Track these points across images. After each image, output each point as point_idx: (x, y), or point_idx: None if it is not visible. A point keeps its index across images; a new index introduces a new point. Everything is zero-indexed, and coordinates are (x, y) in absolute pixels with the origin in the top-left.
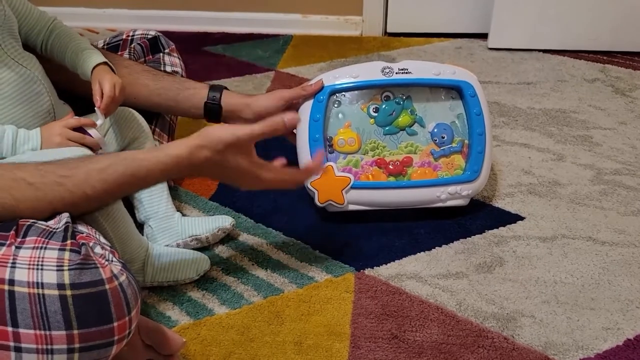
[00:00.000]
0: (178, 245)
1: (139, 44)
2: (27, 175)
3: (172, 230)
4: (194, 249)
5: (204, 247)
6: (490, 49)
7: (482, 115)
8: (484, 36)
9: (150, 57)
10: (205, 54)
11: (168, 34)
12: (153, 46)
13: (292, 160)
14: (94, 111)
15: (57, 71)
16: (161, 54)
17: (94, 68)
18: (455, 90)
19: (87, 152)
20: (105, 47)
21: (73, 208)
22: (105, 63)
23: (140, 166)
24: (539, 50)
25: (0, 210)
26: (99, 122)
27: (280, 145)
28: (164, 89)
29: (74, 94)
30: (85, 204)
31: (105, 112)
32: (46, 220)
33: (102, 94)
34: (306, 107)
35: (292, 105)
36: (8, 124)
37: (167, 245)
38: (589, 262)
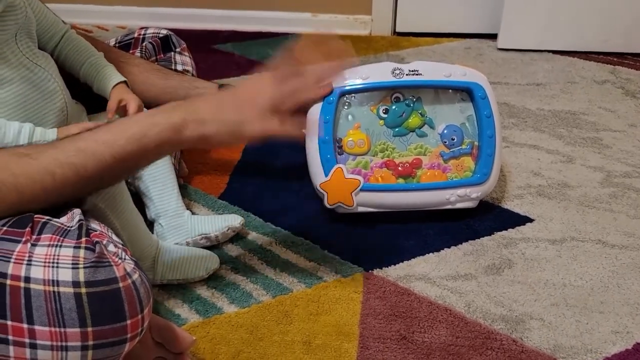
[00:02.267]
0: (188, 244)
1: (150, 42)
2: (23, 149)
3: (182, 228)
4: (203, 247)
5: (213, 245)
6: (500, 49)
7: (492, 117)
8: (493, 36)
9: (162, 55)
10: (215, 52)
11: (177, 32)
12: (164, 45)
13: (302, 161)
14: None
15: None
16: (172, 53)
17: (117, 85)
18: (466, 92)
19: None
20: (116, 45)
21: (72, 172)
22: (125, 82)
23: (130, 119)
24: (549, 51)
25: (1, 188)
26: None
27: (289, 146)
28: (173, 88)
29: (87, 92)
30: (82, 164)
31: None
32: (57, 215)
33: (117, 109)
34: (316, 109)
35: (301, 107)
36: (23, 122)
37: (177, 244)
38: (598, 265)
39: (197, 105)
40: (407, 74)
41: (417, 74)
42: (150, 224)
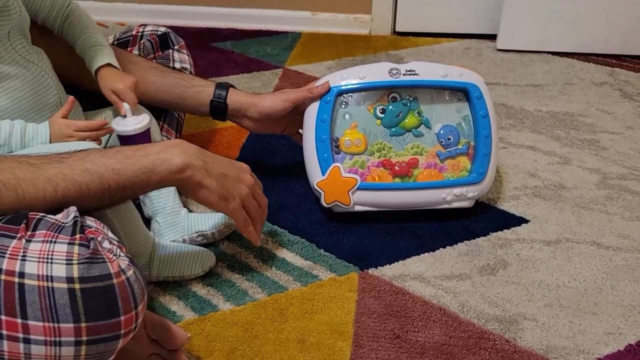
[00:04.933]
0: (184, 241)
1: (148, 40)
2: (30, 158)
3: (179, 225)
4: (199, 244)
5: (209, 243)
6: (499, 50)
7: (488, 117)
8: (492, 37)
9: (160, 53)
10: (214, 50)
11: (177, 29)
12: (162, 42)
13: (299, 159)
14: (102, 106)
15: (66, 67)
16: (170, 51)
17: (100, 69)
18: (462, 92)
19: (97, 146)
20: (115, 42)
21: (75, 189)
22: (109, 64)
23: (141, 150)
24: (548, 53)
25: (2, 189)
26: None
27: (287, 145)
28: (171, 86)
29: (83, 89)
30: (86, 184)
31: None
32: (54, 213)
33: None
34: (313, 108)
35: (298, 107)
36: (17, 118)
37: (174, 241)
38: (592, 266)
39: (208, 157)
40: (404, 74)
41: (414, 74)
42: (147, 221)
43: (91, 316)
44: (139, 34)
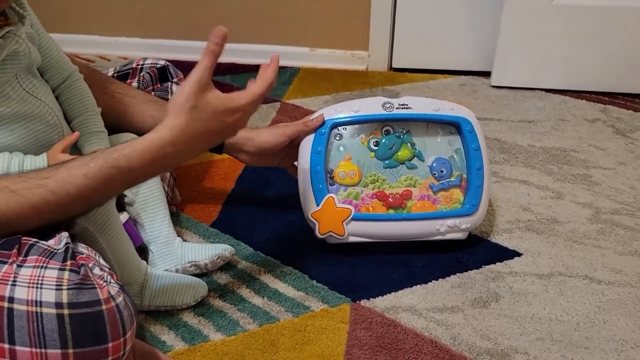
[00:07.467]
0: (177, 271)
1: (148, 72)
2: (9, 183)
3: (172, 255)
4: (192, 274)
5: (202, 273)
6: (493, 86)
7: (480, 150)
8: (487, 74)
9: (159, 85)
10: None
11: (178, 63)
12: (162, 75)
13: (293, 192)
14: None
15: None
16: (169, 83)
17: None
18: (454, 125)
19: None
20: (115, 75)
21: (60, 210)
22: None
23: (120, 156)
24: (541, 90)
25: None
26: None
27: (281, 177)
28: None
29: None
30: (71, 205)
31: None
32: (45, 237)
33: None
34: (308, 140)
35: (294, 140)
36: (17, 152)
37: (166, 270)
38: (584, 300)
39: (197, 149)
40: (397, 108)
41: (406, 108)
42: (141, 250)
43: (79, 342)
44: (139, 66)
